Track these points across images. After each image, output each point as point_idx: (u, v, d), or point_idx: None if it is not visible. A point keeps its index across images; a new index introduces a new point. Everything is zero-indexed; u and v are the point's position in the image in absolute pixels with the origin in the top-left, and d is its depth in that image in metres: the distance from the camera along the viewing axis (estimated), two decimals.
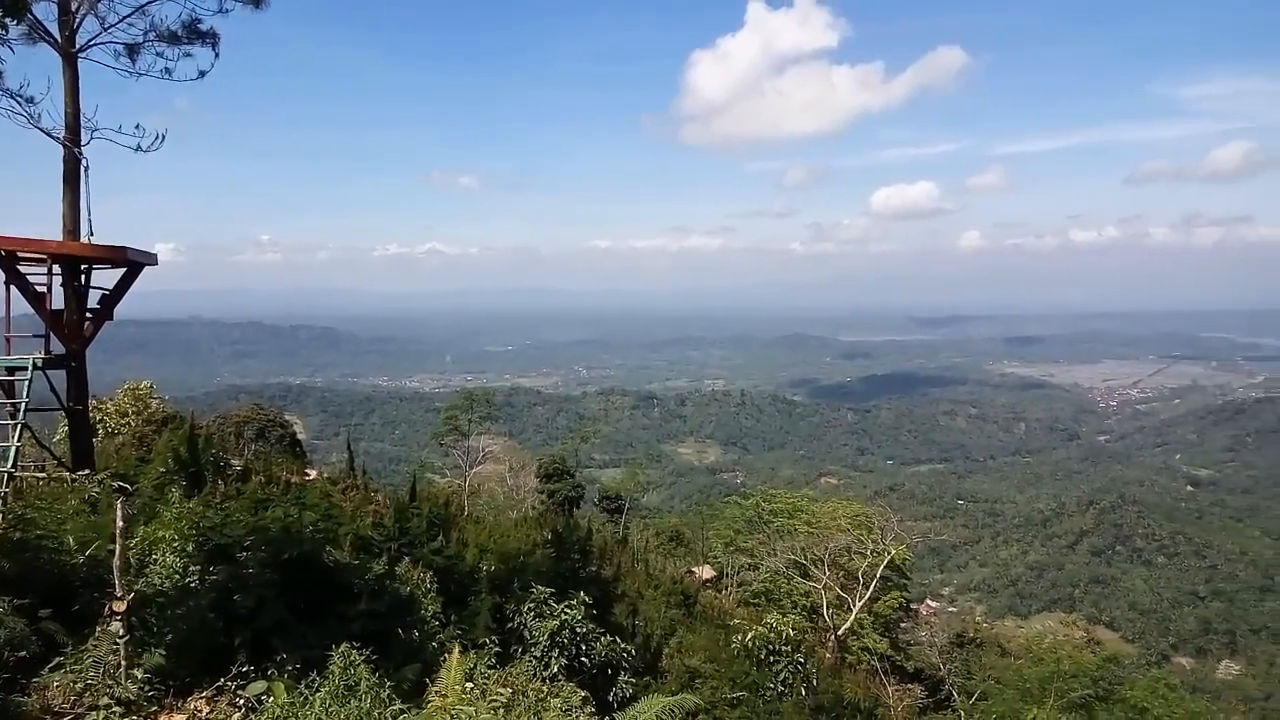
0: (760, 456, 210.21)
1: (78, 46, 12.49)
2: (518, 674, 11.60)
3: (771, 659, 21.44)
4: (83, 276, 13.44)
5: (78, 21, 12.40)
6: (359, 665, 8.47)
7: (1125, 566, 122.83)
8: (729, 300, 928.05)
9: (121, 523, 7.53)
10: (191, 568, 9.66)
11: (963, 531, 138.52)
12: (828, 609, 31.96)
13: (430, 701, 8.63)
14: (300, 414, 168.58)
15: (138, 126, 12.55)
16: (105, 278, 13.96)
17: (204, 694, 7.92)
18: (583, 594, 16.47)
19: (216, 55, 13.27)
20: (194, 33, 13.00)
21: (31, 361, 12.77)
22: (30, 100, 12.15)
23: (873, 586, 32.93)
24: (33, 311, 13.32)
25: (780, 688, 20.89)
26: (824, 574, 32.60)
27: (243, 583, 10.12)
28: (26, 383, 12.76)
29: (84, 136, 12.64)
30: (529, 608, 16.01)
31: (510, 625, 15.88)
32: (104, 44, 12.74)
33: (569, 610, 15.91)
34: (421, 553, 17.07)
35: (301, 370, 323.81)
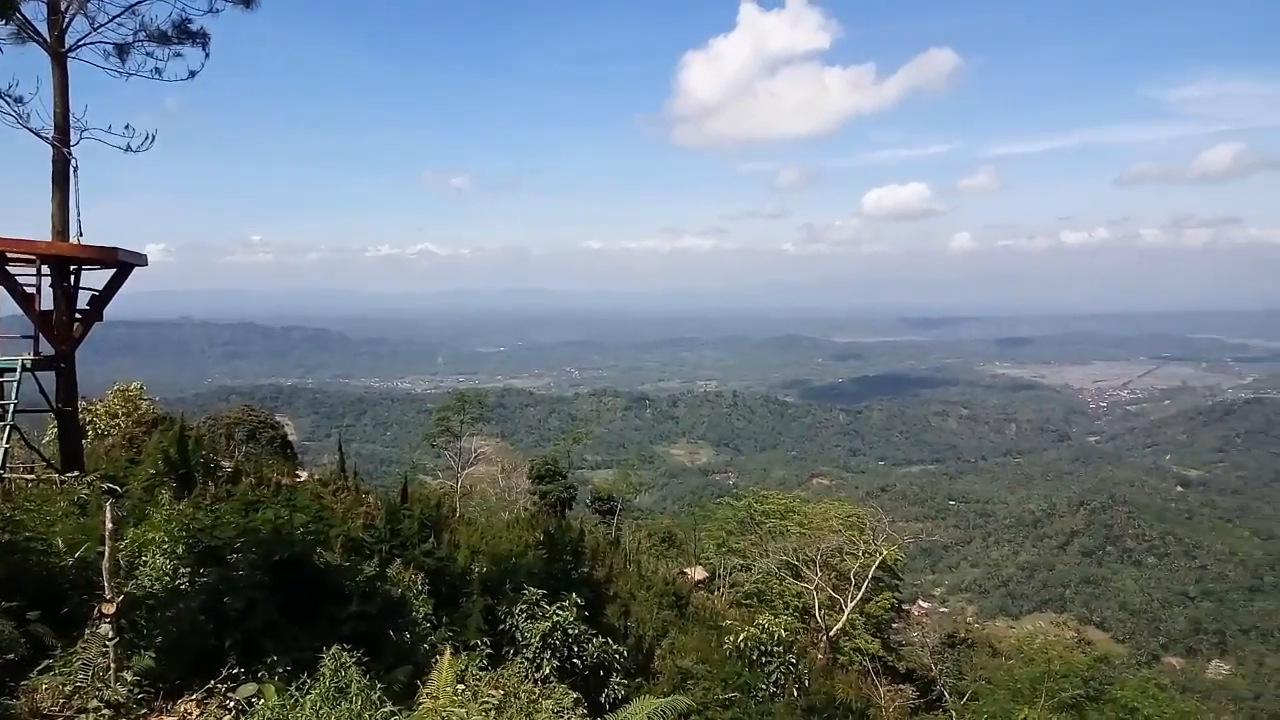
0: (752, 457, 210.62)
1: (67, 46, 12.44)
2: (509, 676, 11.58)
3: (764, 660, 21.47)
4: (72, 277, 13.39)
5: (67, 21, 12.35)
6: (350, 667, 8.44)
7: (1116, 567, 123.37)
8: (721, 301, 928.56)
9: (111, 525, 7.50)
10: (181, 570, 9.60)
11: (954, 532, 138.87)
12: (820, 610, 32.00)
13: (422, 703, 8.62)
14: (291, 415, 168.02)
15: (127, 127, 12.52)
16: (95, 279, 13.90)
17: (194, 696, 7.89)
18: (575, 595, 16.47)
19: (207, 55, 13.23)
20: (184, 33, 12.96)
21: (20, 363, 12.72)
22: (19, 100, 12.10)
23: (864, 587, 32.99)
24: (21, 313, 13.25)
25: (772, 688, 20.94)
26: (816, 575, 32.65)
27: (233, 585, 10.09)
28: (15, 384, 12.70)
29: (73, 136, 12.59)
30: (521, 609, 16.01)
31: (502, 627, 15.88)
32: (94, 44, 12.69)
33: (561, 612, 15.92)
34: (413, 554, 17.06)
35: (293, 371, 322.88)
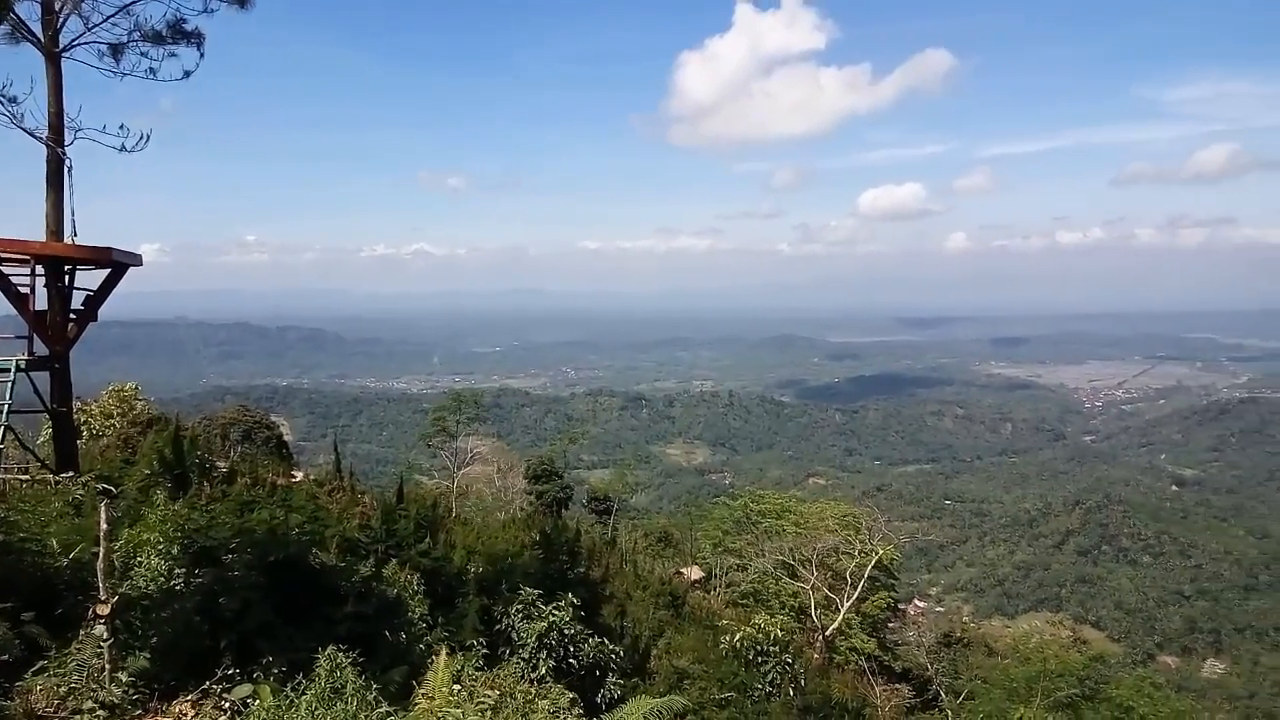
0: (748, 457, 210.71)
1: (61, 46, 12.40)
2: (505, 676, 11.57)
3: (759, 660, 21.50)
4: (66, 277, 13.34)
5: (61, 21, 12.31)
6: (345, 668, 8.44)
7: (1111, 566, 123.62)
8: (717, 301, 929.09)
9: (105, 525, 7.48)
10: (176, 570, 9.60)
11: (950, 532, 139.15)
12: (816, 609, 32.03)
13: (417, 704, 8.61)
14: (287, 415, 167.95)
15: (122, 127, 12.47)
16: (89, 279, 13.87)
17: (189, 697, 7.87)
18: (571, 595, 16.48)
19: (201, 55, 13.19)
20: (179, 33, 12.92)
21: (15, 363, 12.68)
22: (13, 100, 12.05)
23: (860, 587, 33.02)
24: (15, 313, 13.22)
25: (768, 688, 20.96)
26: (812, 574, 32.68)
27: (228, 585, 10.08)
28: (10, 384, 12.67)
29: (68, 137, 12.54)
30: (517, 609, 16.01)
31: (498, 627, 15.88)
32: (88, 44, 12.65)
33: (557, 612, 15.92)
34: (409, 554, 17.04)
35: (288, 371, 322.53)
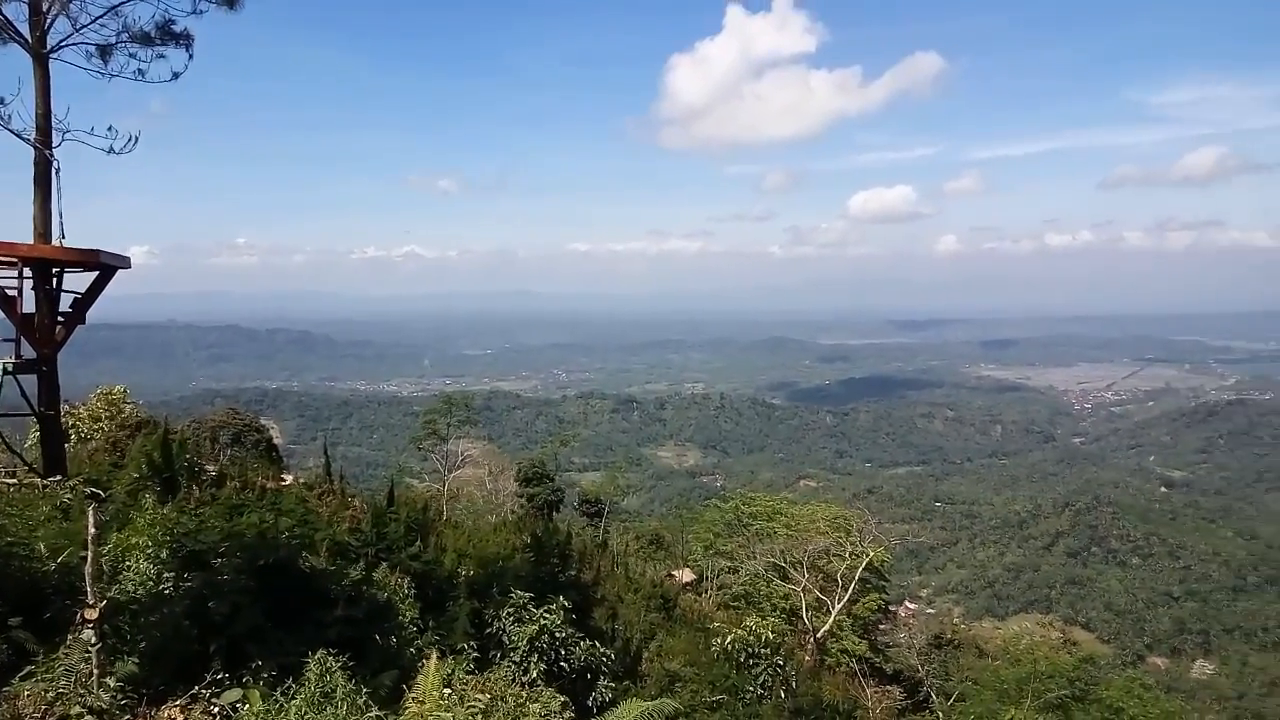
0: (740, 459, 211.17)
1: (49, 47, 12.33)
2: (496, 679, 11.56)
3: (751, 662, 21.49)
4: (54, 280, 13.26)
5: (49, 22, 12.24)
6: (335, 672, 8.41)
7: (1100, 567, 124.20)
8: (708, 303, 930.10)
9: (94, 529, 7.44)
10: (165, 574, 9.53)
11: (940, 533, 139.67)
12: (807, 611, 32.06)
13: (408, 708, 8.60)
14: (277, 418, 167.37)
15: (110, 128, 12.41)
16: (77, 281, 13.79)
17: (178, 702, 7.84)
18: (562, 598, 16.43)
19: (191, 57, 13.14)
20: (167, 34, 12.86)
21: (2, 366, 12.60)
22: (0, 102, 11.99)
23: (851, 589, 33.08)
24: (2, 315, 13.13)
25: (760, 690, 20.95)
26: (803, 576, 32.72)
27: (217, 589, 10.02)
28: None
29: (55, 138, 12.47)
30: (508, 613, 15.96)
31: (489, 630, 15.83)
32: (76, 45, 12.57)
33: (548, 615, 15.88)
34: (399, 558, 16.98)
35: (278, 374, 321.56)
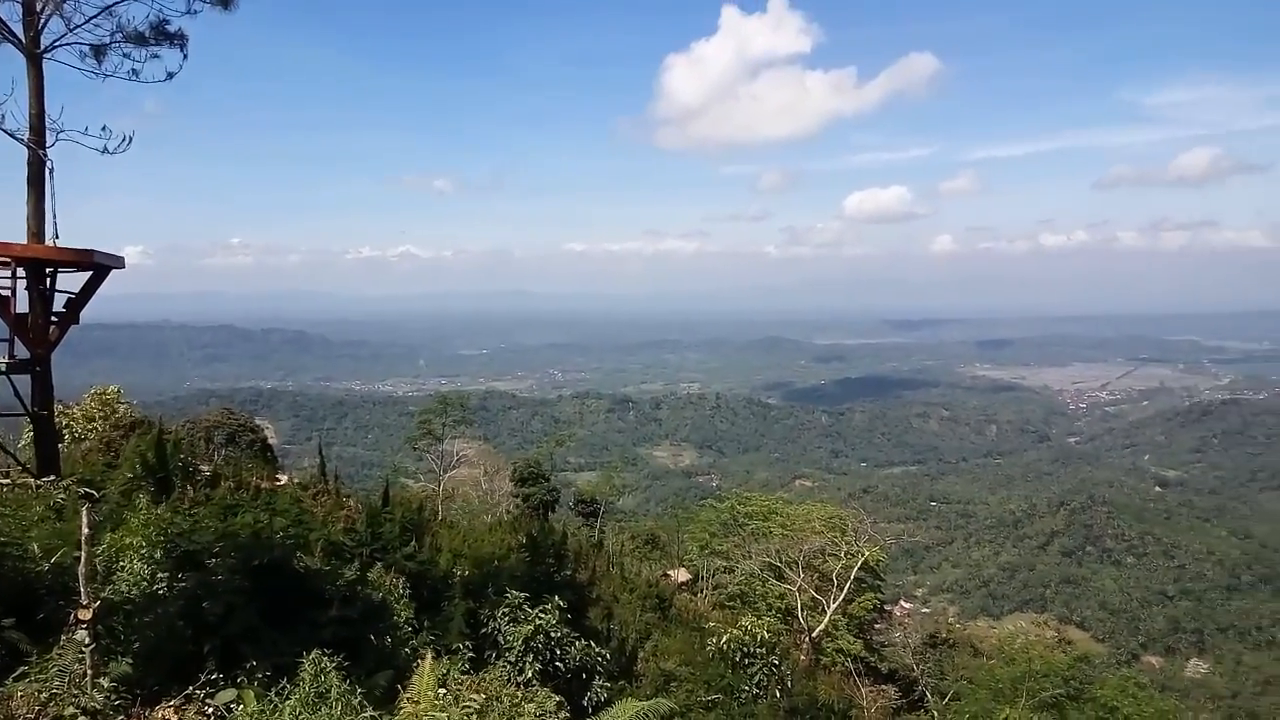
0: (735, 459, 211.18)
1: (43, 47, 12.28)
2: (491, 679, 11.55)
3: (746, 662, 21.50)
4: (48, 280, 13.21)
5: (43, 22, 12.20)
6: (330, 672, 8.39)
7: (1095, 567, 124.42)
8: (704, 303, 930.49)
9: (87, 529, 7.41)
10: (159, 575, 9.52)
11: (936, 533, 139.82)
12: (802, 611, 32.09)
13: (402, 708, 8.59)
14: (271, 419, 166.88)
15: (104, 128, 12.36)
16: (72, 281, 13.74)
17: (172, 703, 7.81)
18: (557, 598, 16.43)
19: (185, 57, 13.10)
20: (161, 34, 12.82)
21: None
22: None
23: (847, 588, 33.11)
24: None
25: (755, 690, 20.96)
26: (799, 576, 32.76)
27: (212, 590, 10.00)
28: None
29: (49, 138, 12.42)
30: (503, 613, 15.96)
31: (484, 630, 15.82)
32: (70, 45, 12.53)
33: (543, 615, 15.88)
34: (394, 558, 16.98)
35: (273, 374, 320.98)
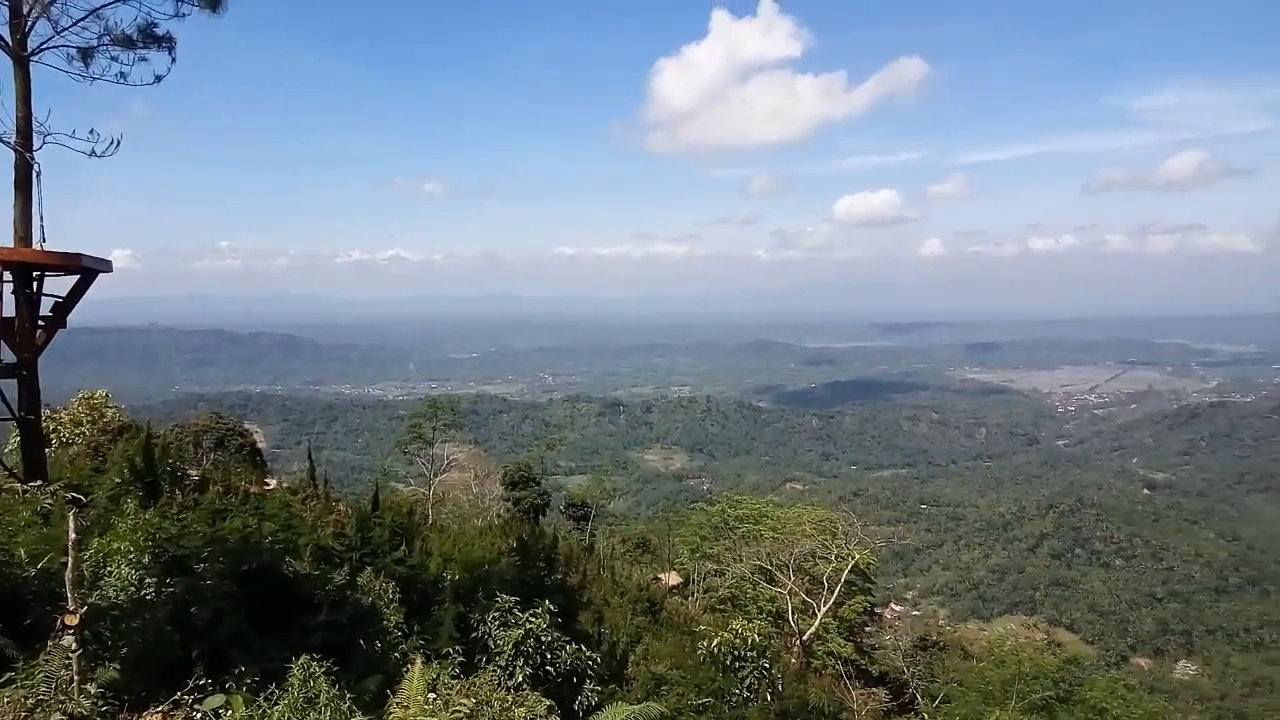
0: (726, 463, 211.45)
1: (30, 50, 12.22)
2: (482, 684, 11.52)
3: (737, 665, 21.49)
4: (35, 284, 13.14)
5: (30, 25, 12.13)
6: (319, 677, 8.38)
7: (1084, 569, 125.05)
8: (694, 307, 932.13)
9: (74, 534, 7.39)
10: (147, 580, 9.49)
11: (926, 535, 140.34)
12: (793, 614, 32.13)
13: (392, 713, 8.57)
14: (260, 423, 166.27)
15: (92, 131, 12.30)
16: (58, 285, 13.68)
17: (160, 708, 7.78)
18: (548, 602, 16.40)
19: (173, 60, 13.05)
20: (149, 37, 12.77)
21: None
22: None
23: (837, 591, 33.17)
24: None
25: (746, 693, 20.95)
26: (789, 579, 32.80)
27: (200, 594, 9.97)
28: None
29: (36, 141, 12.35)
30: (493, 617, 15.92)
31: (474, 635, 15.78)
32: (57, 47, 12.47)
33: (534, 619, 15.84)
34: (384, 562, 16.92)
35: (262, 378, 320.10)
